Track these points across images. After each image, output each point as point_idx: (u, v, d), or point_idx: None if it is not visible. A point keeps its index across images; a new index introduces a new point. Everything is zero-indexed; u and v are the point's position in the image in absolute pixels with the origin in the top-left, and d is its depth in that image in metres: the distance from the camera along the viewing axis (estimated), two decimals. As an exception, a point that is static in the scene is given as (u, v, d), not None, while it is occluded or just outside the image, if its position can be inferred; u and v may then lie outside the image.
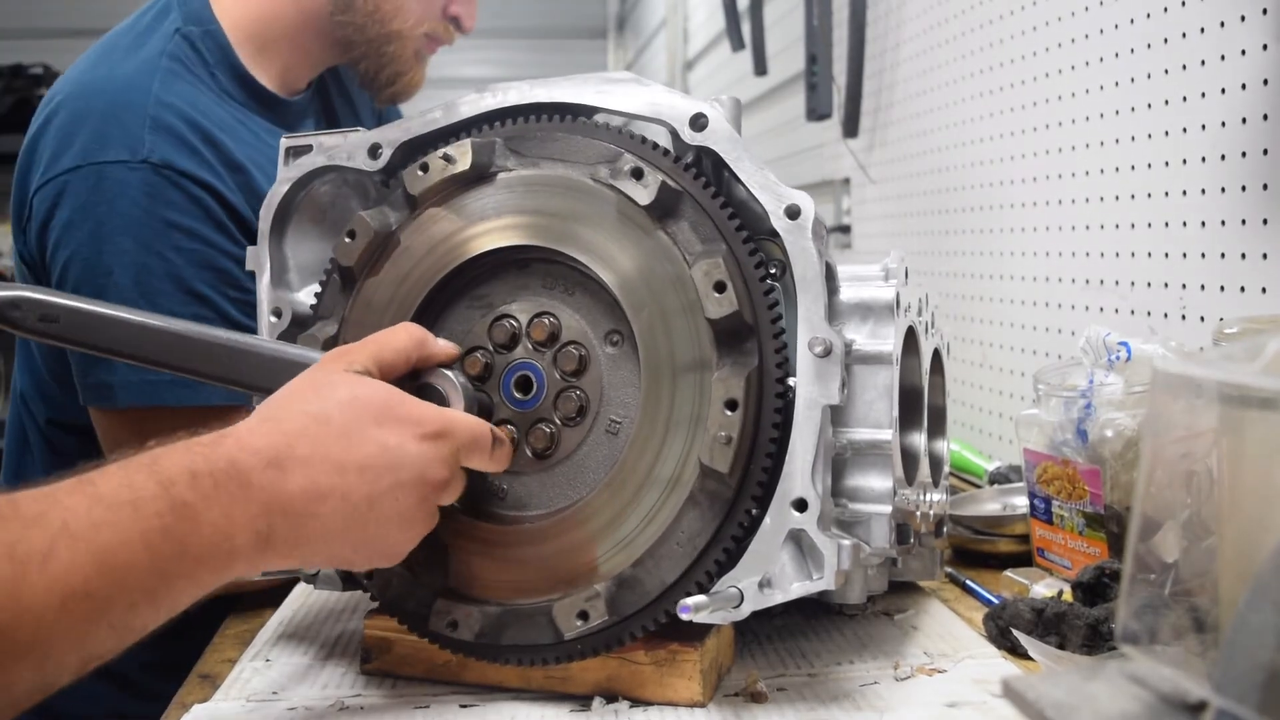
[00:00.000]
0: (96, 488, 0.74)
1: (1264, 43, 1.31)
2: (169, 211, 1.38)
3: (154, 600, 0.76)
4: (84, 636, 0.71)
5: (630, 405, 1.00)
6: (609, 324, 1.02)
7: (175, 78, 1.46)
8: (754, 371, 0.95)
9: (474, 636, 1.00)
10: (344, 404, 0.88)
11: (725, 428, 0.93)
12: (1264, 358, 0.63)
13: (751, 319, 0.96)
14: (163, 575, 0.75)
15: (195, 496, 0.77)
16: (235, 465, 0.81)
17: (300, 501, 0.84)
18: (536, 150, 1.03)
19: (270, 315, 1.12)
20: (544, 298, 1.04)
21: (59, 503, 0.72)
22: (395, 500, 0.88)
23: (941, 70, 2.21)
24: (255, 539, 0.81)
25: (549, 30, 8.55)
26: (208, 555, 0.78)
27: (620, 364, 1.01)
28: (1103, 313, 1.65)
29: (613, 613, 0.96)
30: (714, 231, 0.97)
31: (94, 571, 0.71)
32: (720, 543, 0.95)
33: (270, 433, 0.85)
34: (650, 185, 0.97)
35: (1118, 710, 0.59)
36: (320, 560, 0.89)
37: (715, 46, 4.80)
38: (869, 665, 1.08)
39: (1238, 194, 1.37)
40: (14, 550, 0.68)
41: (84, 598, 0.70)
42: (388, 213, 1.06)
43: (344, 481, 0.86)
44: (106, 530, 0.72)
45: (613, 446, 1.00)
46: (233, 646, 1.17)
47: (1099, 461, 1.25)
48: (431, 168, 1.04)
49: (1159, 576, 0.67)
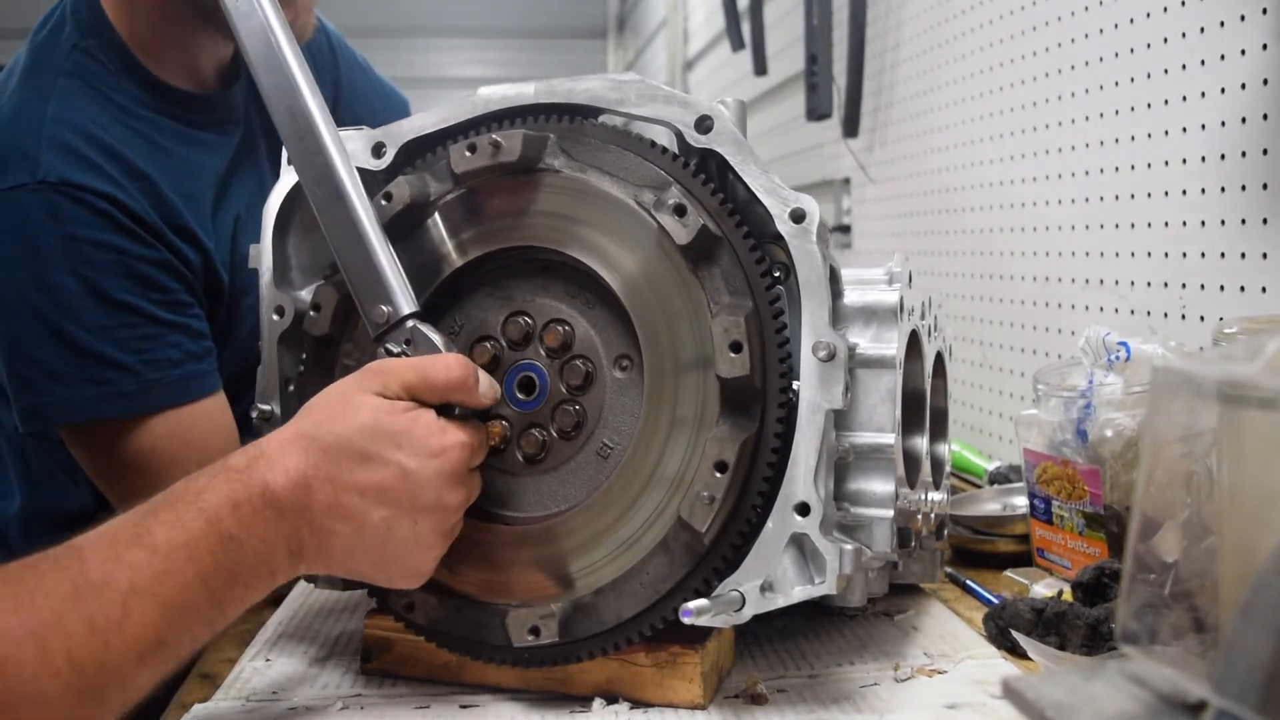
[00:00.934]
0: (154, 538, 0.81)
1: (1264, 42, 1.31)
2: (75, 228, 1.37)
3: (212, 627, 0.85)
4: (156, 676, 0.81)
5: (626, 434, 1.00)
6: (621, 347, 1.01)
7: (72, 94, 1.43)
8: (751, 437, 0.94)
9: (428, 622, 1.02)
10: (366, 429, 0.92)
11: (710, 488, 0.93)
12: (1264, 358, 0.63)
13: (760, 384, 0.95)
14: (219, 605, 0.84)
15: (239, 529, 0.85)
16: (269, 489, 0.87)
17: (323, 518, 0.90)
18: (587, 157, 1.01)
19: (272, 313, 1.12)
20: (564, 304, 1.04)
21: (121, 559, 0.79)
22: (413, 524, 0.93)
23: (941, 70, 2.21)
24: (289, 555, 0.89)
25: (549, 30, 8.55)
26: (253, 578, 0.87)
27: (625, 390, 1.01)
28: (1103, 313, 1.65)
29: (564, 634, 0.97)
30: (744, 285, 0.96)
31: (164, 622, 0.79)
32: (682, 592, 0.95)
33: (297, 453, 0.90)
34: (690, 227, 0.95)
35: (1118, 710, 0.59)
36: (343, 573, 0.95)
37: (715, 46, 4.80)
38: (869, 666, 1.08)
39: (1238, 193, 1.37)
40: (94, 624, 0.76)
41: (157, 647, 0.79)
42: (429, 181, 1.05)
43: (363, 503, 0.91)
44: (169, 581, 0.80)
45: (599, 470, 1.00)
46: (233, 646, 1.17)
47: (1099, 461, 1.25)
48: (479, 149, 1.02)
49: (1159, 576, 0.67)
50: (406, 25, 8.35)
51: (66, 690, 0.74)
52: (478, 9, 8.49)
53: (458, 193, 1.04)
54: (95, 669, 0.75)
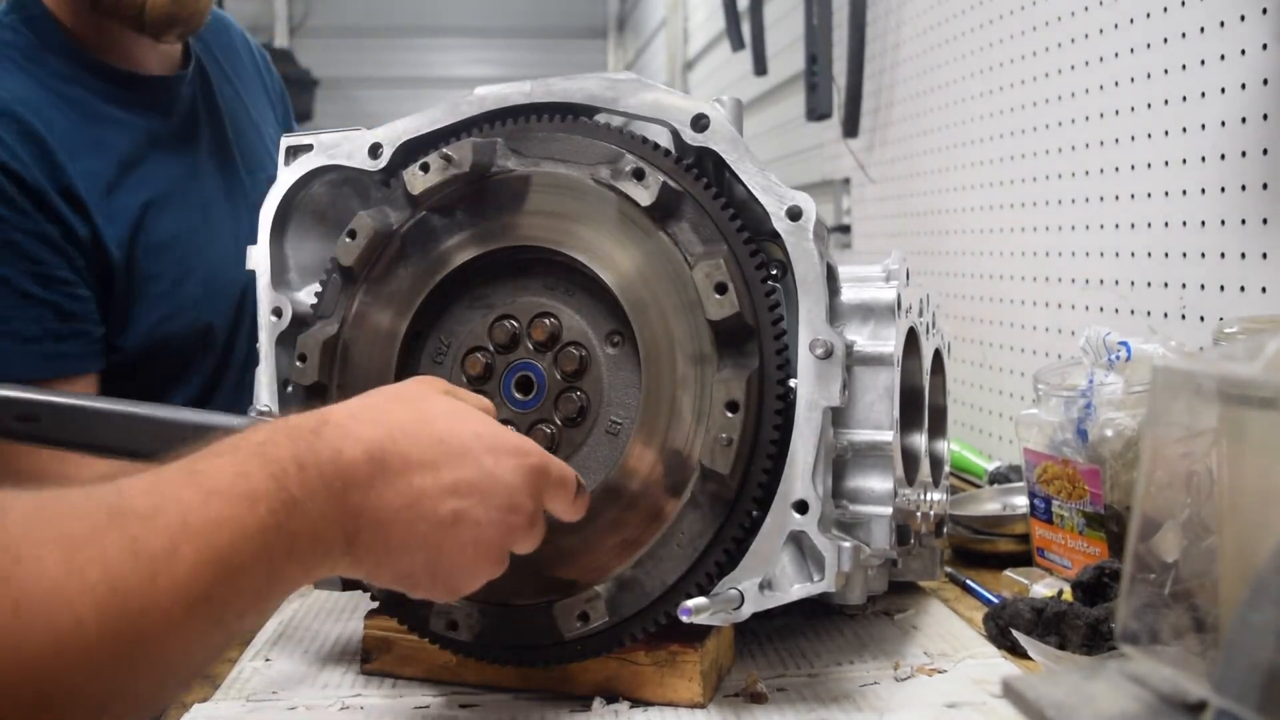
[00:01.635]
0: (212, 480, 0.68)
1: (1264, 42, 1.31)
2: None
3: (260, 603, 0.71)
4: (202, 643, 0.66)
5: (631, 406, 1.00)
6: (610, 325, 1.02)
7: None
8: (755, 373, 0.95)
9: (473, 637, 1.00)
10: (446, 414, 0.85)
11: (726, 429, 0.93)
12: (1264, 358, 0.63)
13: (753, 320, 0.96)
14: (271, 575, 0.71)
15: (303, 492, 0.73)
16: (340, 456, 0.76)
17: (390, 503, 0.79)
18: (537, 150, 1.03)
19: (270, 315, 1.12)
20: (545, 298, 1.04)
21: (171, 496, 0.66)
22: (477, 525, 0.83)
23: (941, 70, 2.21)
24: (344, 538, 0.77)
25: (549, 30, 8.55)
26: (307, 555, 0.74)
27: (621, 365, 1.01)
28: (1103, 313, 1.65)
29: (613, 614, 0.96)
30: (715, 232, 0.97)
31: (215, 572, 0.65)
32: (721, 543, 0.95)
33: (372, 422, 0.80)
34: (651, 186, 0.97)
35: (1118, 710, 0.59)
36: (388, 576, 0.83)
37: (715, 46, 4.80)
38: (869, 665, 1.08)
39: (1238, 193, 1.37)
40: (137, 550, 0.61)
41: (205, 602, 0.64)
42: (388, 212, 1.06)
43: (436, 489, 0.81)
44: (227, 528, 0.66)
45: (613, 447, 1.00)
46: (233, 646, 1.17)
47: (1099, 461, 1.25)
48: (432, 167, 1.04)
49: (1159, 576, 0.67)
50: (406, 25, 8.35)
51: (103, 616, 0.58)
52: (478, 9, 8.49)
53: (418, 216, 1.05)
54: (139, 601, 0.60)
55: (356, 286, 1.06)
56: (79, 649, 0.58)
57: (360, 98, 7.91)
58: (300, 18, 8.28)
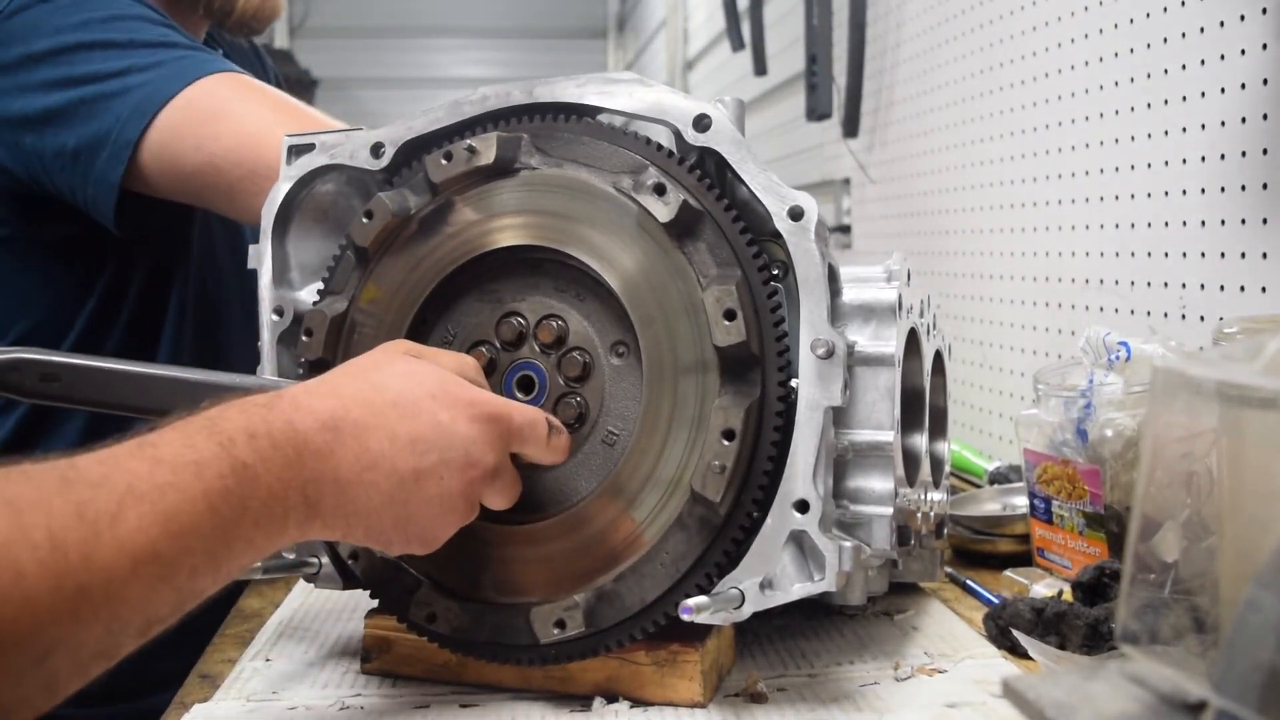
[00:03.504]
0: (158, 450, 0.74)
1: (1264, 42, 1.31)
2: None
3: (214, 563, 0.76)
4: (150, 599, 0.71)
5: (629, 418, 1.00)
6: (616, 334, 1.01)
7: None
8: (755, 403, 0.94)
9: (451, 630, 1.01)
10: (401, 376, 0.89)
11: (720, 456, 0.93)
12: (1264, 358, 0.63)
13: (758, 349, 0.95)
14: (223, 538, 0.75)
15: (254, 458, 0.77)
16: (292, 426, 0.81)
17: (350, 467, 0.84)
18: (562, 151, 1.02)
19: (272, 314, 1.12)
20: (554, 300, 1.04)
21: (121, 466, 0.72)
22: (440, 480, 0.88)
23: (941, 70, 2.21)
24: (305, 503, 0.81)
25: (549, 30, 8.56)
26: (264, 518, 0.78)
27: (624, 376, 1.01)
28: (1103, 313, 1.65)
29: (589, 624, 0.96)
30: (730, 256, 0.96)
31: (161, 533, 0.70)
32: (703, 567, 0.95)
33: (327, 395, 0.85)
34: (671, 204, 0.96)
35: (1118, 710, 0.59)
36: (360, 534, 0.87)
37: (715, 46, 4.81)
38: (869, 666, 1.08)
39: (1237, 193, 1.37)
40: (83, 510, 0.67)
41: (152, 559, 0.70)
42: (407, 196, 1.06)
43: (393, 450, 0.86)
44: (172, 492, 0.72)
45: (608, 457, 1.00)
46: (233, 646, 1.17)
47: (1099, 461, 1.25)
48: (455, 157, 1.03)
49: (1159, 576, 0.67)
50: (406, 25, 8.36)
51: (43, 569, 0.64)
52: (478, 9, 8.50)
53: (437, 203, 1.05)
54: (80, 557, 0.66)
55: (369, 267, 1.06)
56: (21, 599, 0.63)
57: (360, 98, 7.92)
58: (300, 18, 8.29)
